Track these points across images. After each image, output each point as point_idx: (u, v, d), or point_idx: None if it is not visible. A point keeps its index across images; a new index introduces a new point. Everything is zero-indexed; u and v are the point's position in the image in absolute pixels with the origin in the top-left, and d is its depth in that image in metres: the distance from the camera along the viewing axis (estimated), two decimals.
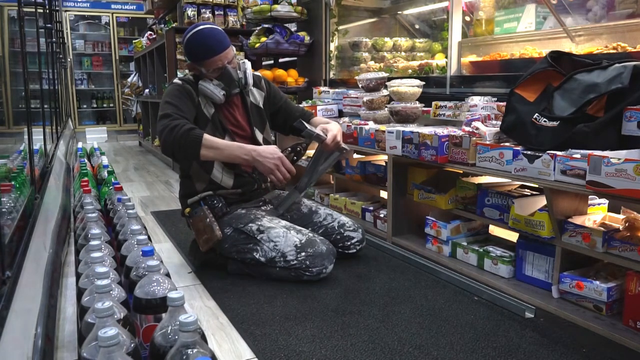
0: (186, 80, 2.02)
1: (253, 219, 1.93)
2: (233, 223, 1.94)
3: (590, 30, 2.49)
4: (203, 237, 1.90)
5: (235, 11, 4.47)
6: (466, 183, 1.96)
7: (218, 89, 1.98)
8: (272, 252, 1.83)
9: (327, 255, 1.83)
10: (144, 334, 1.04)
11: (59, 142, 3.75)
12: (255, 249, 1.87)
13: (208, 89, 1.97)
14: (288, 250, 1.81)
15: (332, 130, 2.03)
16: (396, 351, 1.37)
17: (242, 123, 2.10)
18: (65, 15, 7.88)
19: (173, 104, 1.91)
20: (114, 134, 8.19)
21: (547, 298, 1.62)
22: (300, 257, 1.80)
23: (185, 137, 1.79)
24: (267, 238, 1.86)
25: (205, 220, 1.91)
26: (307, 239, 1.85)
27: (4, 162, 1.82)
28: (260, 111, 2.16)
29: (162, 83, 5.16)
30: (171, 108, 1.89)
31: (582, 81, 1.64)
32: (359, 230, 2.08)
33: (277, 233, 1.86)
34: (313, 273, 1.81)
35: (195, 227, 1.94)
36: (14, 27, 2.15)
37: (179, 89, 1.98)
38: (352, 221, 2.11)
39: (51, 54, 4.05)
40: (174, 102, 1.92)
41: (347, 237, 2.04)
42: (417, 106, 2.57)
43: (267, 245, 1.85)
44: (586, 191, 1.46)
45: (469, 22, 3.16)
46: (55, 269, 1.47)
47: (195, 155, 1.82)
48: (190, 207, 2.01)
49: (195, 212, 1.96)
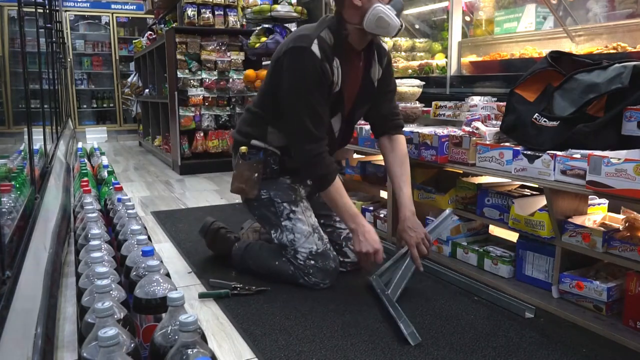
0: (323, 48, 1.66)
1: (291, 200, 1.84)
2: (272, 191, 1.85)
3: (590, 30, 2.49)
4: (240, 185, 1.84)
5: (235, 11, 4.47)
6: (466, 183, 1.96)
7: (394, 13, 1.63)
8: (286, 242, 1.81)
9: (331, 274, 1.80)
10: (144, 334, 1.04)
11: (59, 142, 3.75)
12: (275, 227, 1.84)
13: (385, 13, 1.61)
14: (302, 251, 1.78)
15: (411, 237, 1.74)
16: (396, 351, 1.37)
17: (353, 97, 1.83)
18: (65, 15, 7.88)
19: (311, 107, 1.67)
20: (114, 134, 8.18)
21: (547, 298, 1.62)
22: (308, 263, 1.78)
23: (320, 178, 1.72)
24: (290, 228, 1.81)
25: (254, 175, 1.82)
26: (324, 250, 1.80)
27: (4, 162, 1.82)
28: (372, 88, 1.86)
29: (162, 83, 5.16)
30: (309, 117, 1.67)
31: (582, 81, 1.63)
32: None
33: (301, 231, 1.80)
34: (310, 282, 1.78)
35: (239, 170, 1.85)
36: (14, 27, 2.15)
37: (317, 69, 1.65)
38: None
39: (51, 54, 4.05)
40: (313, 102, 1.67)
41: (344, 253, 1.95)
42: (417, 106, 2.57)
43: (287, 235, 1.81)
44: (586, 191, 1.46)
45: (469, 22, 3.17)
46: (55, 269, 1.47)
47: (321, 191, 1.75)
48: (249, 147, 1.86)
49: (250, 158, 1.84)
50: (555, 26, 2.69)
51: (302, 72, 1.66)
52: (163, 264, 1.20)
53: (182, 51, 4.26)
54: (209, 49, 4.35)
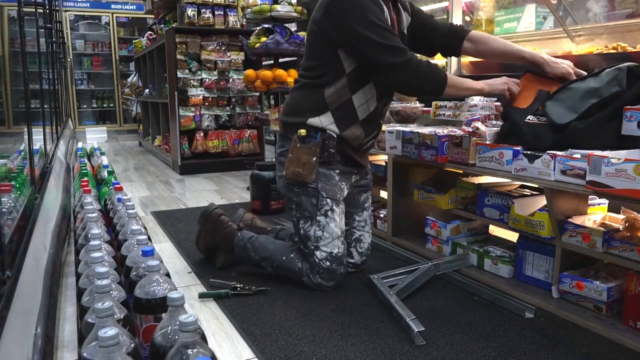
0: None
1: (335, 199, 1.81)
2: (321, 182, 1.79)
3: (590, 30, 2.49)
4: (297, 169, 1.77)
5: (235, 11, 4.47)
6: (466, 183, 1.96)
7: None
8: (312, 236, 1.79)
9: (337, 278, 1.80)
10: (144, 334, 1.04)
11: (59, 142, 3.75)
12: (308, 218, 1.80)
13: None
14: (324, 249, 1.77)
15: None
16: (396, 351, 1.37)
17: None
18: (65, 15, 7.88)
19: (384, 27, 1.69)
20: (114, 134, 8.19)
21: (547, 298, 1.62)
22: (324, 263, 1.77)
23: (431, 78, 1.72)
24: (323, 225, 1.78)
25: (312, 158, 1.76)
26: (341, 255, 1.80)
27: (4, 162, 1.82)
28: (405, 39, 1.88)
29: (162, 83, 5.16)
30: (387, 34, 1.68)
31: (578, 89, 1.65)
32: (363, 257, 1.97)
33: (331, 231, 1.78)
34: (314, 281, 1.78)
35: (296, 154, 1.78)
36: (14, 27, 2.15)
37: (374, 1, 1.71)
38: (369, 245, 2.00)
39: (51, 54, 4.05)
40: (384, 24, 1.70)
41: (350, 253, 1.94)
42: (417, 106, 2.57)
43: (316, 230, 1.78)
44: (586, 191, 1.46)
45: (469, 22, 3.16)
46: (55, 269, 1.47)
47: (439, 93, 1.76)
48: (307, 129, 1.79)
49: (309, 141, 1.77)
50: (555, 26, 2.69)
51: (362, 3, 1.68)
52: (163, 264, 1.20)
53: (182, 51, 4.26)
54: (209, 49, 4.35)
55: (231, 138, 4.52)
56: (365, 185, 2.01)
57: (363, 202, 2.00)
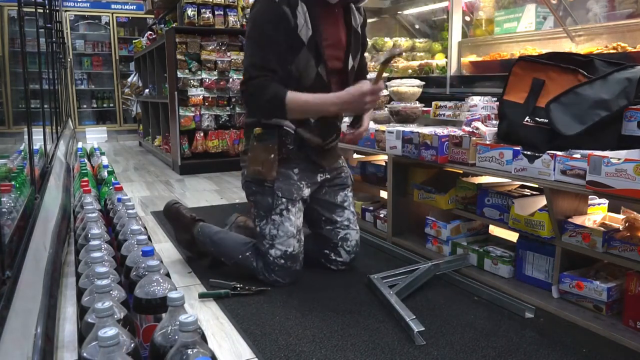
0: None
1: (291, 198, 1.82)
2: (277, 182, 1.82)
3: (590, 30, 2.49)
4: (256, 167, 1.81)
5: (235, 11, 4.47)
6: (466, 183, 1.96)
7: None
8: (267, 234, 1.81)
9: (293, 274, 1.82)
10: (144, 334, 1.04)
11: (59, 142, 3.75)
12: (263, 217, 1.82)
13: None
14: (278, 247, 1.79)
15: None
16: (396, 351, 1.37)
17: (343, 44, 1.87)
18: (65, 15, 7.88)
19: (261, 45, 1.73)
20: (114, 134, 8.18)
21: (547, 298, 1.62)
22: (278, 261, 1.79)
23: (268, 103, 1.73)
24: (277, 224, 1.80)
25: (270, 156, 1.79)
26: (297, 252, 1.82)
27: (4, 162, 1.82)
28: (358, 36, 1.91)
29: (162, 83, 5.16)
30: (258, 54, 1.73)
31: (585, 96, 1.59)
32: (352, 255, 1.97)
33: (286, 230, 1.80)
34: (270, 279, 1.80)
35: (254, 153, 1.82)
36: (14, 27, 2.15)
37: (274, 11, 1.71)
38: (357, 242, 1.99)
39: (51, 54, 4.05)
40: (264, 41, 1.73)
41: (338, 252, 1.96)
42: (417, 106, 2.57)
43: (271, 228, 1.81)
44: (586, 191, 1.46)
45: (469, 22, 3.17)
46: (55, 269, 1.47)
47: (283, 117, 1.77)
48: (263, 127, 1.82)
49: (266, 140, 1.81)
50: (555, 26, 2.69)
51: (259, 14, 1.75)
52: (163, 264, 1.20)
53: (182, 51, 4.26)
54: (209, 49, 4.35)
55: (231, 138, 4.52)
56: (341, 183, 2.01)
57: (342, 201, 2.00)
